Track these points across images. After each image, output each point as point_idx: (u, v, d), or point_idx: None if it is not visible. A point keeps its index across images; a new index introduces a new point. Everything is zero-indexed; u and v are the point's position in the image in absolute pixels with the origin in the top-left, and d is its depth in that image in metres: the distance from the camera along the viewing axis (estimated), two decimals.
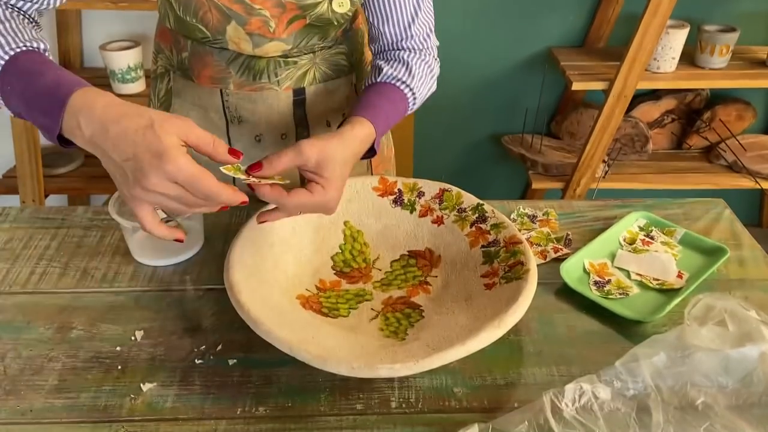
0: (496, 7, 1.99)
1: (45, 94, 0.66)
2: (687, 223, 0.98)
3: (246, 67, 0.92)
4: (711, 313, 0.69)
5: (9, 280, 0.85)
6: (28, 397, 0.69)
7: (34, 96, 0.67)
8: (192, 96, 0.98)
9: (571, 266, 0.87)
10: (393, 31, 0.92)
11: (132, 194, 0.62)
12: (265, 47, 0.89)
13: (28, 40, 0.71)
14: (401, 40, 0.93)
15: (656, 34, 1.70)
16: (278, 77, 0.94)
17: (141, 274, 0.86)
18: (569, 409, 0.62)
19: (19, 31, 0.72)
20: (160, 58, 1.00)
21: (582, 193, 1.98)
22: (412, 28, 0.92)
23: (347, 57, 0.99)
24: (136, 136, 0.61)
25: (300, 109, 0.97)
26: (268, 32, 0.88)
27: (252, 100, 0.95)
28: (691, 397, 0.63)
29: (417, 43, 0.93)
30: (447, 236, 0.86)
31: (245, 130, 0.98)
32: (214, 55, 0.92)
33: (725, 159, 2.06)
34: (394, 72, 0.90)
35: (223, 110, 0.96)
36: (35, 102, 0.67)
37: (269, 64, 0.92)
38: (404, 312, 0.79)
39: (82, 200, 2.19)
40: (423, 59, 0.93)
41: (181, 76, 0.97)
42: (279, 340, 0.65)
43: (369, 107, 0.84)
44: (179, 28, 0.91)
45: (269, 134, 0.98)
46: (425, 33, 0.94)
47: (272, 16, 0.86)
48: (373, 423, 0.66)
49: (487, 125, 2.22)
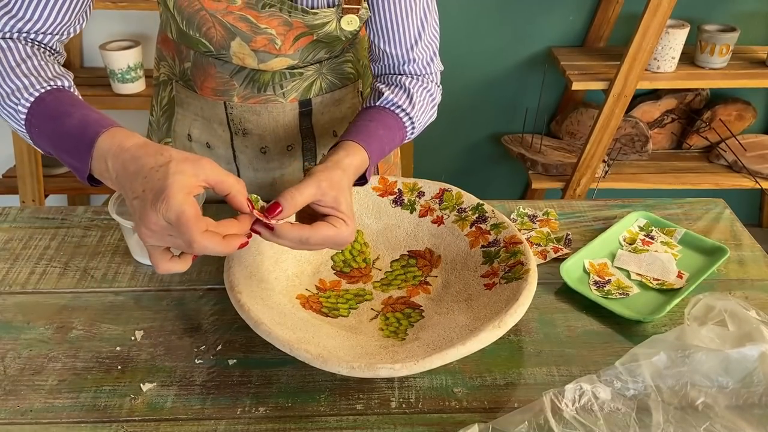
0: (496, 7, 1.99)
1: (72, 136, 0.66)
2: (687, 223, 0.98)
3: (250, 79, 0.90)
4: (711, 313, 0.69)
5: (9, 280, 0.85)
6: (28, 397, 0.69)
7: (61, 138, 0.67)
8: (195, 107, 0.96)
9: (571, 266, 0.87)
10: (395, 52, 0.87)
11: (140, 232, 0.61)
12: (271, 63, 0.87)
13: (52, 78, 0.71)
14: (403, 64, 0.88)
15: (656, 34, 1.70)
16: (284, 89, 0.92)
17: (141, 274, 0.86)
18: (569, 409, 0.62)
19: (42, 69, 0.72)
20: (162, 65, 0.98)
21: (582, 193, 1.98)
22: (414, 50, 0.87)
23: (354, 64, 0.97)
24: (150, 173, 0.60)
25: (306, 120, 0.96)
26: (274, 49, 0.85)
27: (256, 112, 0.93)
28: (691, 397, 0.64)
29: (419, 67, 0.89)
30: (447, 236, 0.86)
31: (250, 142, 0.96)
32: (217, 67, 0.90)
33: (725, 159, 2.06)
34: (394, 98, 0.86)
35: (227, 122, 0.95)
36: (63, 144, 0.67)
37: (274, 76, 0.90)
38: (404, 312, 0.79)
39: (82, 200, 2.19)
40: (424, 86, 0.89)
41: (184, 86, 0.96)
42: (279, 340, 0.65)
43: (365, 134, 0.80)
44: (181, 40, 0.89)
45: (275, 146, 0.97)
46: (428, 57, 0.89)
47: (278, 34, 0.84)
48: (373, 423, 0.66)
49: (487, 125, 2.22)
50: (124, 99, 1.84)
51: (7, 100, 0.71)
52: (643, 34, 1.70)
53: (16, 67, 0.71)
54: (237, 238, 0.63)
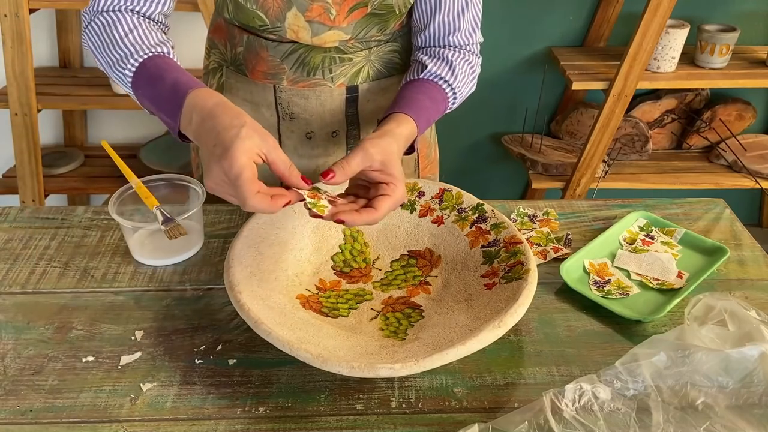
0: (496, 7, 1.99)
1: (166, 96, 0.74)
2: (687, 223, 0.98)
3: (301, 62, 0.93)
4: (711, 313, 0.69)
5: (9, 280, 0.85)
6: (28, 397, 0.69)
7: (157, 99, 0.76)
8: (244, 92, 0.98)
9: (571, 266, 0.87)
10: (445, 20, 0.91)
11: (206, 184, 0.68)
12: (324, 36, 0.89)
13: (154, 45, 0.79)
14: (448, 34, 0.92)
15: (656, 33, 1.70)
16: (332, 73, 0.94)
17: (141, 274, 0.86)
18: (569, 409, 0.62)
19: (146, 37, 0.80)
20: (213, 53, 1.01)
21: (582, 193, 1.98)
22: (461, 19, 0.91)
23: (401, 55, 0.98)
24: (223, 131, 0.67)
25: (352, 106, 0.97)
26: (329, 20, 0.87)
27: (305, 96, 0.95)
28: (691, 397, 0.64)
29: (463, 37, 0.93)
30: (447, 236, 0.86)
31: (296, 126, 0.98)
32: (269, 50, 0.92)
33: (725, 159, 2.06)
34: (437, 70, 0.90)
35: (275, 106, 0.97)
36: (159, 104, 0.76)
37: (324, 60, 0.92)
38: (404, 312, 0.79)
39: (82, 200, 2.19)
40: (466, 59, 0.92)
41: (235, 71, 0.98)
42: (279, 340, 0.65)
43: (413, 105, 0.84)
44: (237, 16, 0.91)
45: (320, 131, 0.99)
46: (471, 26, 0.93)
47: (334, 2, 0.86)
48: (373, 423, 0.66)
49: (487, 125, 2.22)
50: (125, 99, 1.84)
51: (117, 66, 0.79)
52: (643, 34, 1.70)
53: (125, 36, 0.80)
54: (282, 198, 0.68)
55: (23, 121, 1.81)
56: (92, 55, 0.85)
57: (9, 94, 1.78)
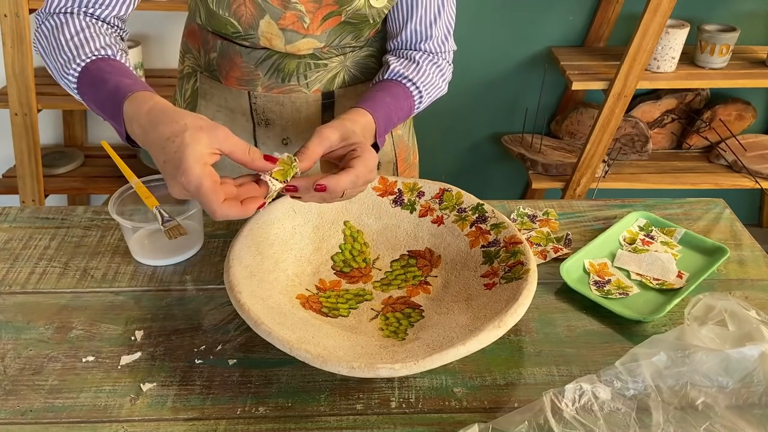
0: (496, 7, 1.99)
1: (108, 101, 0.71)
2: (687, 223, 0.98)
3: (275, 69, 0.92)
4: (711, 313, 0.69)
5: (9, 280, 0.85)
6: (28, 397, 0.69)
7: (101, 103, 0.72)
8: (219, 98, 0.97)
9: (571, 266, 0.87)
10: (417, 28, 0.91)
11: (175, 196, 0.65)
12: (298, 44, 0.88)
13: (99, 48, 0.75)
14: (420, 41, 0.92)
15: (656, 33, 1.70)
16: (308, 79, 0.93)
17: (141, 274, 0.86)
18: (569, 409, 0.62)
19: (91, 40, 0.76)
20: (187, 58, 1.00)
21: (582, 193, 1.98)
22: (434, 27, 0.91)
23: (377, 59, 0.98)
24: (167, 143, 0.63)
25: (328, 112, 0.97)
26: (302, 28, 0.87)
27: (280, 102, 0.94)
28: (691, 397, 0.64)
29: (435, 45, 0.93)
30: (447, 236, 0.86)
31: (272, 133, 0.97)
32: (243, 56, 0.91)
33: (725, 159, 2.06)
34: (402, 69, 0.90)
35: (251, 113, 0.96)
36: (104, 109, 0.72)
37: (299, 66, 0.92)
38: (404, 312, 0.79)
39: (81, 200, 2.19)
40: (435, 62, 0.93)
41: (209, 77, 0.97)
42: (279, 340, 0.65)
43: (368, 100, 0.84)
44: (209, 23, 0.90)
45: (296, 137, 0.98)
46: (443, 35, 0.93)
47: (308, 11, 0.85)
48: (373, 423, 0.66)
49: (487, 125, 2.22)
50: None
51: (62, 71, 0.76)
52: (643, 34, 1.70)
53: (70, 40, 0.76)
54: (254, 201, 0.66)
55: (23, 121, 1.81)
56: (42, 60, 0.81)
57: (9, 94, 1.78)
